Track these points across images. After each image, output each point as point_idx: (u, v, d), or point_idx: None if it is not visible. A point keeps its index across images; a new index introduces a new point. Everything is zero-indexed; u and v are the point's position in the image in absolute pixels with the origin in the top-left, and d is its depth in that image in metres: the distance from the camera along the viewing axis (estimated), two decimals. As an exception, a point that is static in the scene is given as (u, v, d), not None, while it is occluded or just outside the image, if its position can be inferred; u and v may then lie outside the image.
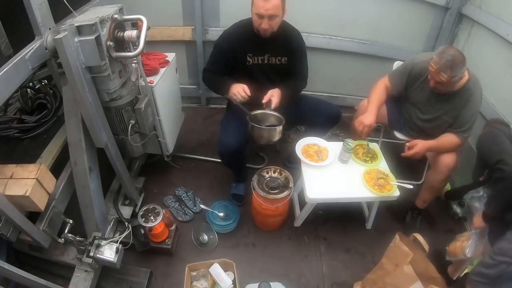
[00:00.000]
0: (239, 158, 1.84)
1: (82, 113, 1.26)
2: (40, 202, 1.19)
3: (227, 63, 1.76)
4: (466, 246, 1.41)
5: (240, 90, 1.62)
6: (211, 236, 1.81)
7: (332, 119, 1.89)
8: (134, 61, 1.48)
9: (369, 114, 1.68)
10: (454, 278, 1.58)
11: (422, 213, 1.95)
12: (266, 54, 1.73)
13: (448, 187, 2.09)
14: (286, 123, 1.66)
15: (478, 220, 1.41)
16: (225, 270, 1.54)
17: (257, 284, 1.35)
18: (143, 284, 1.56)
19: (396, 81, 1.77)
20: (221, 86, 1.74)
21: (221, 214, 1.89)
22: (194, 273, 1.58)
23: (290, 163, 2.16)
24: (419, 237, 1.42)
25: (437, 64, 1.45)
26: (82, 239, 1.37)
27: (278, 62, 1.77)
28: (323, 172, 1.67)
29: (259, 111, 1.69)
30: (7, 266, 1.06)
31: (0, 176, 1.17)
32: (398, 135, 1.98)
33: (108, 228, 1.58)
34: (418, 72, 1.67)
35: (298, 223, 1.90)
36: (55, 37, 1.04)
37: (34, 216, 1.26)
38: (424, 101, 1.72)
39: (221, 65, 1.76)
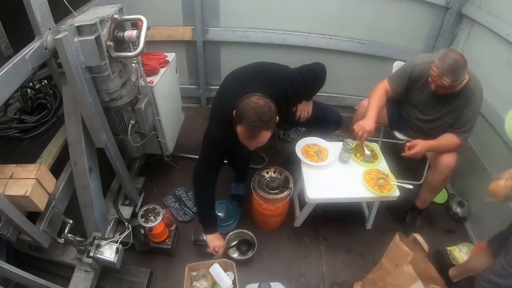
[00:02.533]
0: (248, 160, 1.84)
1: (82, 113, 1.26)
2: (40, 202, 1.19)
3: (224, 156, 1.61)
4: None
5: (220, 247, 1.62)
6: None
7: (333, 125, 1.89)
8: (134, 61, 1.48)
9: (369, 120, 1.67)
10: (455, 281, 1.58)
11: (422, 213, 1.95)
12: None
13: (444, 192, 2.10)
14: (287, 125, 1.62)
15: None
16: (225, 270, 1.54)
17: (257, 284, 1.35)
18: (143, 284, 1.56)
19: (396, 84, 1.76)
20: (203, 220, 1.65)
21: (221, 214, 1.89)
22: (194, 273, 1.59)
23: (290, 164, 2.16)
24: (418, 237, 1.42)
25: (439, 68, 1.44)
26: (82, 239, 1.37)
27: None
28: (323, 172, 1.67)
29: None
30: (7, 266, 1.06)
31: (0, 176, 1.17)
32: (398, 135, 1.98)
33: (108, 228, 1.58)
34: (418, 74, 1.67)
35: (298, 223, 1.90)
36: (55, 37, 1.04)
37: (34, 216, 1.26)
38: (425, 102, 1.72)
39: (218, 164, 1.59)
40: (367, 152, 1.75)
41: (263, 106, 1.26)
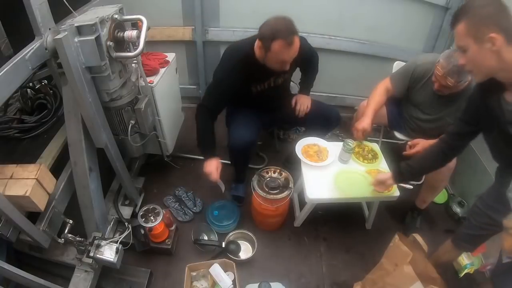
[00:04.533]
0: (250, 152, 1.84)
1: (82, 113, 1.26)
2: (40, 202, 1.19)
3: (227, 99, 1.70)
4: None
5: (213, 171, 1.64)
6: (211, 236, 1.81)
7: (332, 122, 1.90)
8: (134, 61, 1.48)
9: (365, 118, 1.70)
10: None
11: (422, 213, 1.95)
12: (271, 78, 1.72)
13: (444, 192, 2.10)
14: (287, 125, 1.66)
15: None
16: (225, 270, 1.54)
17: (257, 284, 1.35)
18: (143, 284, 1.56)
19: (398, 82, 1.77)
20: (203, 145, 1.72)
21: (221, 214, 1.89)
22: (194, 273, 1.59)
23: (290, 164, 2.16)
24: (418, 237, 1.42)
25: (444, 68, 1.45)
26: (82, 239, 1.37)
27: (281, 81, 1.77)
28: (323, 172, 1.67)
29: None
30: (7, 266, 1.06)
31: (0, 176, 1.17)
32: (398, 135, 1.99)
33: (108, 228, 1.58)
34: (421, 74, 1.67)
35: (298, 223, 1.90)
36: (55, 37, 1.04)
37: (34, 216, 1.26)
38: (426, 102, 1.72)
39: (219, 102, 1.69)
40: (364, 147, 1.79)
41: (286, 18, 1.44)
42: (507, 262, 1.20)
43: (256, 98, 1.76)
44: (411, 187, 1.65)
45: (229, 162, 1.95)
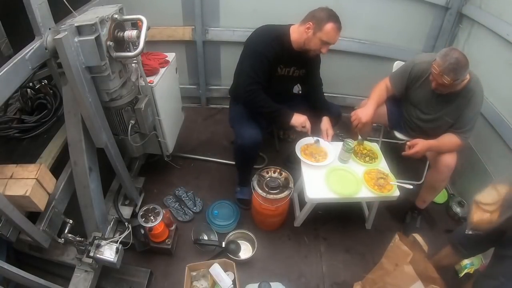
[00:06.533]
0: (257, 152, 1.83)
1: (82, 113, 1.26)
2: (40, 202, 1.19)
3: (268, 73, 1.68)
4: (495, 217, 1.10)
5: (306, 120, 1.70)
6: (211, 236, 1.81)
7: (333, 119, 1.89)
8: (134, 61, 1.48)
9: (366, 108, 1.69)
10: None
11: (422, 213, 1.95)
12: (293, 67, 1.77)
13: (444, 192, 2.10)
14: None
15: None
16: (225, 270, 1.54)
17: (257, 284, 1.35)
18: (143, 284, 1.56)
19: (396, 81, 1.77)
20: (275, 111, 1.70)
21: (221, 214, 1.88)
22: (194, 273, 1.59)
23: (290, 162, 2.16)
24: (418, 237, 1.42)
25: (440, 66, 1.44)
26: (82, 239, 1.37)
27: (300, 74, 1.82)
28: (323, 172, 1.67)
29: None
30: (7, 266, 1.06)
31: (0, 176, 1.17)
32: (398, 135, 1.99)
33: (108, 228, 1.58)
34: (419, 72, 1.67)
35: (298, 223, 1.90)
36: (55, 37, 1.04)
37: (34, 216, 1.26)
38: (425, 102, 1.72)
39: (265, 75, 1.67)
40: (359, 137, 1.79)
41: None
42: (470, 234, 1.21)
43: (276, 83, 1.77)
44: (411, 187, 1.65)
45: (233, 163, 1.93)
